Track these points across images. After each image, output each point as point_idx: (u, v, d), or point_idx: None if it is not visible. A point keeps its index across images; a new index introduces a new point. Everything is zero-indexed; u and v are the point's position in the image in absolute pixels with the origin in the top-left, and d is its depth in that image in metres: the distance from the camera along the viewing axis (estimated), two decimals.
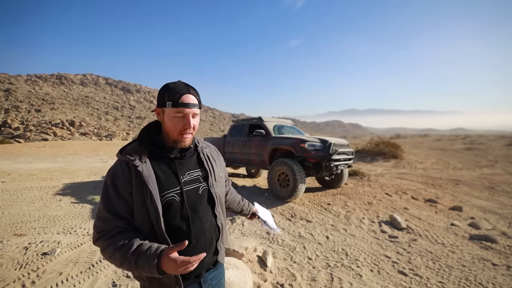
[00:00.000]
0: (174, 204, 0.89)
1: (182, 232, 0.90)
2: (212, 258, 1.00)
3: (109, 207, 0.85)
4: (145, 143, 0.92)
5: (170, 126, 0.90)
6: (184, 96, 0.87)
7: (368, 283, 2.36)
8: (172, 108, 0.87)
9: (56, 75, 66.08)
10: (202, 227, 0.95)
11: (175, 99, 0.87)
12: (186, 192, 0.92)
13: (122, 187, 0.85)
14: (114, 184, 0.86)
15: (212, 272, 1.02)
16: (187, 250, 0.90)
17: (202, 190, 0.97)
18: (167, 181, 0.89)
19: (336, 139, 5.20)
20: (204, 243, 0.95)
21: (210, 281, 1.00)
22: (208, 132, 60.12)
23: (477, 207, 4.71)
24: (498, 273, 2.53)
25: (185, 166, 0.96)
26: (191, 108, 0.89)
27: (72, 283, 2.18)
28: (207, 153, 1.06)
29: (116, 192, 0.85)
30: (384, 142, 12.97)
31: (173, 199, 0.89)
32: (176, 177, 0.92)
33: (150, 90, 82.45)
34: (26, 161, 9.66)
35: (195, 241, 0.91)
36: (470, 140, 19.40)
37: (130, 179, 0.85)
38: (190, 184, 0.95)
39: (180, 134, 0.91)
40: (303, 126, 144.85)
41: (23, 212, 4.01)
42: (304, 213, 4.26)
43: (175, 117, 0.89)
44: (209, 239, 0.98)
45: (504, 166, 9.88)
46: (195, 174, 0.98)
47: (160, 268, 0.76)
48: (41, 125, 29.66)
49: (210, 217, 0.99)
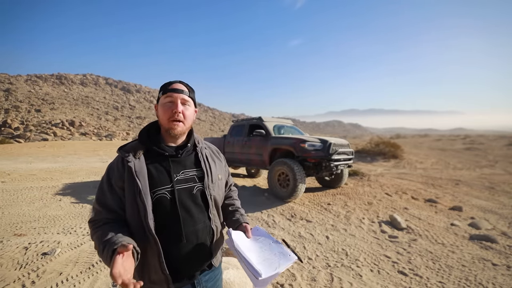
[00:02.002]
0: (164, 202, 0.89)
1: (172, 231, 0.90)
2: (206, 261, 1.00)
3: (101, 200, 0.89)
4: (143, 141, 0.95)
5: (161, 114, 0.95)
6: (173, 84, 0.95)
7: (368, 283, 2.36)
8: (163, 96, 0.94)
9: (56, 75, 66.13)
10: (194, 227, 0.94)
11: (166, 87, 0.94)
12: (178, 190, 0.92)
13: (115, 182, 0.89)
14: (109, 178, 0.90)
15: (207, 274, 1.01)
16: (178, 248, 0.91)
17: (196, 190, 0.97)
18: (159, 178, 0.90)
19: (336, 139, 5.20)
20: (196, 244, 0.95)
21: (205, 283, 0.99)
22: (208, 132, 60.11)
23: (477, 207, 4.71)
24: (498, 273, 2.53)
25: (180, 165, 0.97)
26: (179, 94, 0.93)
27: (72, 283, 2.18)
28: (206, 154, 1.06)
29: (110, 186, 0.90)
30: (384, 142, 12.96)
31: (164, 196, 0.89)
32: (168, 174, 0.92)
33: (150, 90, 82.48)
34: (26, 161, 9.67)
35: (186, 240, 0.91)
36: (470, 140, 19.40)
37: (123, 174, 0.88)
38: (184, 183, 0.95)
39: (170, 121, 0.92)
40: (303, 126, 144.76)
41: (23, 212, 4.01)
42: (304, 213, 4.26)
43: (165, 104, 0.93)
44: (202, 241, 0.97)
45: (504, 166, 9.87)
46: (191, 173, 0.98)
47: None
48: (41, 125, 29.66)
49: (204, 218, 0.98)
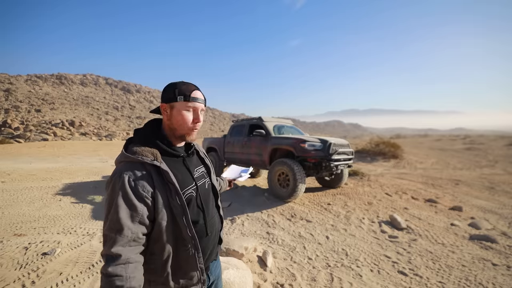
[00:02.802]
0: (192, 200, 0.93)
1: (200, 225, 0.95)
2: (217, 248, 1.08)
3: (120, 221, 0.75)
4: (152, 143, 0.89)
5: (179, 120, 0.91)
6: (195, 92, 0.93)
7: (368, 283, 2.36)
8: (184, 102, 0.90)
9: (56, 75, 66.08)
10: (212, 219, 1.02)
11: (187, 93, 0.90)
12: (199, 187, 0.97)
13: (143, 190, 0.79)
14: (133, 187, 0.78)
15: (214, 262, 1.09)
16: (205, 241, 0.95)
17: (208, 185, 1.05)
18: (183, 178, 0.92)
19: (336, 139, 5.19)
20: (214, 235, 1.03)
21: (214, 271, 1.07)
22: (208, 132, 60.09)
23: (477, 207, 4.71)
24: (498, 273, 2.53)
25: (192, 164, 1.01)
26: (201, 103, 0.94)
27: (72, 283, 2.18)
28: (202, 151, 1.14)
29: (137, 196, 0.78)
30: (384, 142, 12.95)
31: (192, 195, 0.93)
32: (190, 174, 0.96)
33: (150, 90, 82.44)
34: (26, 161, 9.67)
35: (210, 233, 0.97)
36: (470, 140, 19.37)
37: (150, 180, 0.81)
38: (200, 180, 1.01)
39: (190, 128, 0.93)
40: (303, 126, 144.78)
41: (23, 212, 4.01)
42: (304, 213, 4.26)
43: (186, 111, 0.91)
44: (217, 230, 1.06)
45: (504, 166, 9.86)
46: (201, 170, 1.05)
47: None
48: (41, 125, 29.66)
49: (215, 209, 1.08)
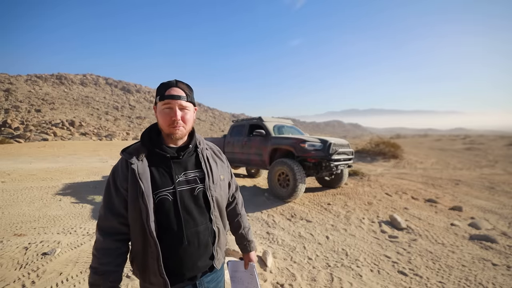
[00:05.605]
0: (166, 203, 0.90)
1: (174, 232, 0.90)
2: (207, 262, 0.99)
3: (108, 203, 0.92)
4: (145, 143, 0.96)
5: (160, 120, 0.94)
6: (170, 89, 0.91)
7: (368, 283, 2.36)
8: (160, 102, 0.92)
9: (56, 75, 66.08)
10: (195, 228, 0.94)
11: (162, 92, 0.91)
12: (179, 192, 0.92)
13: (120, 183, 0.90)
14: (114, 180, 0.92)
15: (209, 275, 1.02)
16: (180, 250, 0.91)
17: (197, 192, 0.96)
18: (161, 179, 0.91)
19: (336, 139, 5.19)
20: (197, 246, 0.94)
21: (207, 284, 1.00)
22: (208, 132, 60.11)
23: (477, 207, 4.71)
24: (498, 273, 2.53)
25: (182, 166, 0.96)
26: (177, 100, 0.91)
27: (72, 283, 2.18)
28: (207, 155, 1.05)
29: (115, 188, 0.91)
30: (384, 142, 12.96)
31: (166, 198, 0.90)
32: (170, 176, 0.93)
33: (150, 90, 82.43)
34: (26, 161, 9.66)
35: (187, 242, 0.91)
36: (470, 140, 19.37)
37: (127, 176, 0.90)
38: (186, 185, 0.95)
39: (170, 127, 0.92)
40: (303, 126, 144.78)
41: (23, 212, 4.00)
42: (304, 213, 4.26)
43: (163, 110, 0.92)
44: (203, 242, 0.96)
45: (504, 166, 9.87)
46: (192, 174, 0.97)
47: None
48: (41, 125, 29.65)
49: (206, 219, 0.98)
